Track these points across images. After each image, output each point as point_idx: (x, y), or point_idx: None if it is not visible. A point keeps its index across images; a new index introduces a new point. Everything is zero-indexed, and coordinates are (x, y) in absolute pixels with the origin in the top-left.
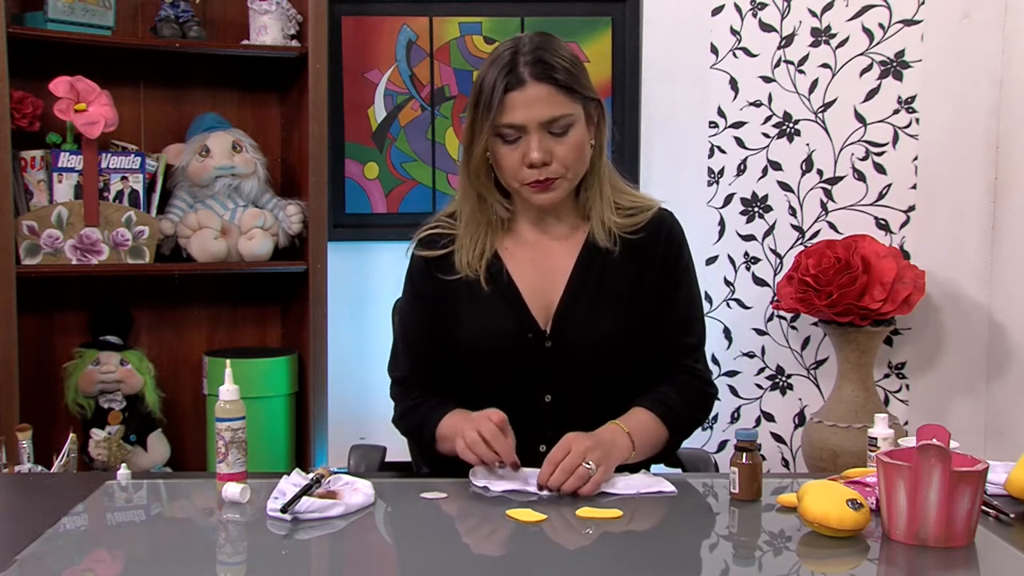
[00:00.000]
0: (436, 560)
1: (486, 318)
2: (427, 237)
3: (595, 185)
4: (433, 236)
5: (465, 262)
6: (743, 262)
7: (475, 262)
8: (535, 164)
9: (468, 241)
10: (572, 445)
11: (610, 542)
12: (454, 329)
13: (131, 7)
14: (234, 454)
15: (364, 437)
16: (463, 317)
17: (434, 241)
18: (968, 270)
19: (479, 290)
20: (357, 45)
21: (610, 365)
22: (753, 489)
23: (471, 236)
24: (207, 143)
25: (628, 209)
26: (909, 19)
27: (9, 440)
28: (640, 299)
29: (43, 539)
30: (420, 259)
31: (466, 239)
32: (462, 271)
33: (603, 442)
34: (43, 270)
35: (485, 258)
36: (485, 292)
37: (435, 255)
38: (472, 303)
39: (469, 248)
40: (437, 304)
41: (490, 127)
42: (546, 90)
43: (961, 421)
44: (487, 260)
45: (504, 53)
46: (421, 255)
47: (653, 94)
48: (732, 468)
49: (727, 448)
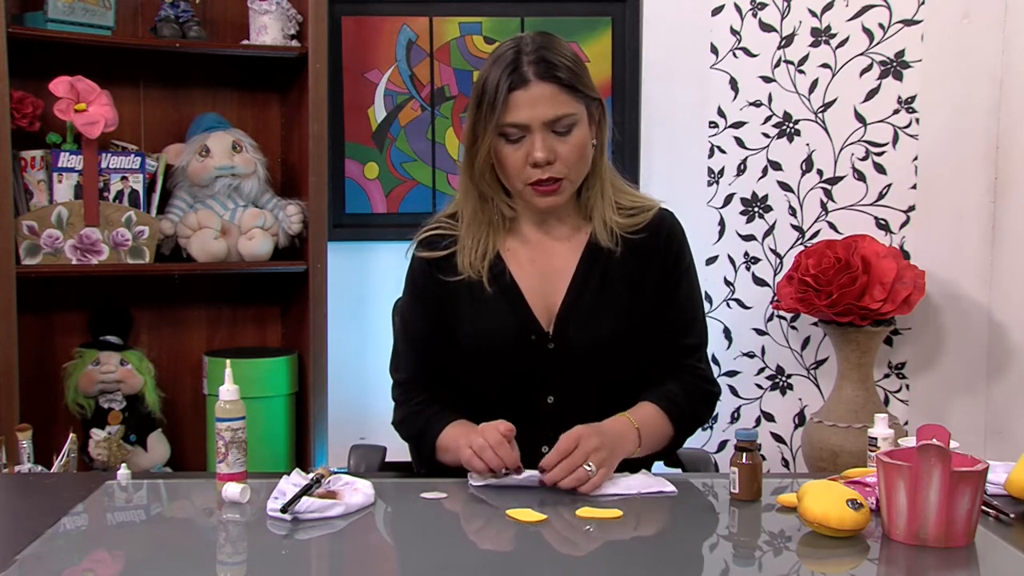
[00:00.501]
0: (436, 560)
1: (488, 319)
2: (428, 238)
3: (597, 185)
4: (434, 237)
5: (467, 263)
6: (743, 262)
7: (477, 263)
8: (539, 163)
9: (470, 242)
10: (580, 441)
11: (610, 542)
12: (456, 330)
13: (131, 7)
14: (234, 454)
15: (364, 437)
16: (465, 318)
17: (435, 242)
18: (968, 270)
19: (481, 291)
20: (357, 45)
21: (612, 366)
22: (753, 489)
23: (473, 237)
24: (207, 143)
25: (629, 209)
26: (909, 19)
27: (9, 440)
28: (642, 299)
29: (43, 539)
30: (421, 260)
31: (468, 240)
32: (464, 272)
33: (609, 440)
34: (43, 270)
35: (487, 259)
36: (487, 293)
37: (436, 256)
38: (474, 304)
39: (471, 249)
40: (439, 305)
41: (494, 127)
42: (550, 89)
43: (961, 421)
44: (489, 261)
45: (507, 52)
46: (422, 256)
47: (653, 94)
48: (732, 468)
49: (727, 448)
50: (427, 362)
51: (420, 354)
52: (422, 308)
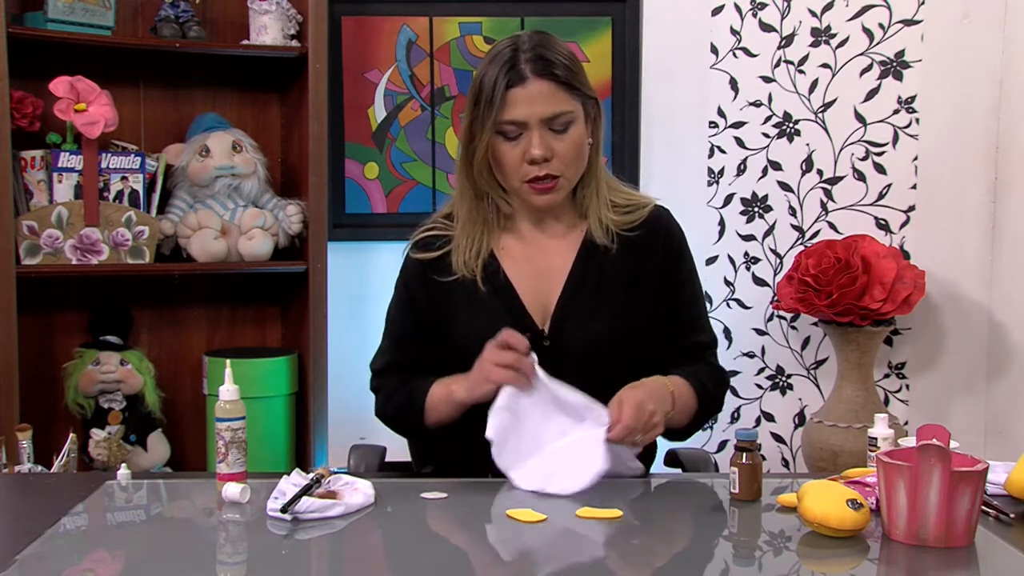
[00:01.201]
0: (436, 560)
1: (483, 319)
2: (423, 239)
3: (592, 183)
4: (428, 238)
5: (462, 262)
6: (743, 262)
7: (471, 262)
8: (536, 160)
9: (464, 241)
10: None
11: (610, 542)
12: (451, 330)
13: (131, 7)
14: (234, 454)
15: (364, 437)
16: (460, 318)
17: (430, 243)
18: (968, 270)
19: (476, 291)
20: (357, 45)
21: (608, 364)
22: (753, 489)
23: (467, 236)
24: (207, 143)
25: (624, 207)
26: (909, 19)
27: (9, 440)
28: (638, 298)
29: (43, 539)
30: (416, 262)
31: (463, 239)
32: (458, 271)
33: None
34: (43, 270)
35: (481, 258)
36: (482, 292)
37: (431, 257)
38: (469, 304)
39: (466, 248)
40: (430, 307)
41: (491, 124)
42: (547, 86)
43: (961, 421)
44: (483, 260)
45: (504, 50)
46: (417, 258)
47: (653, 94)
48: (732, 468)
49: (727, 448)
50: (405, 359)
51: (400, 352)
52: (410, 308)
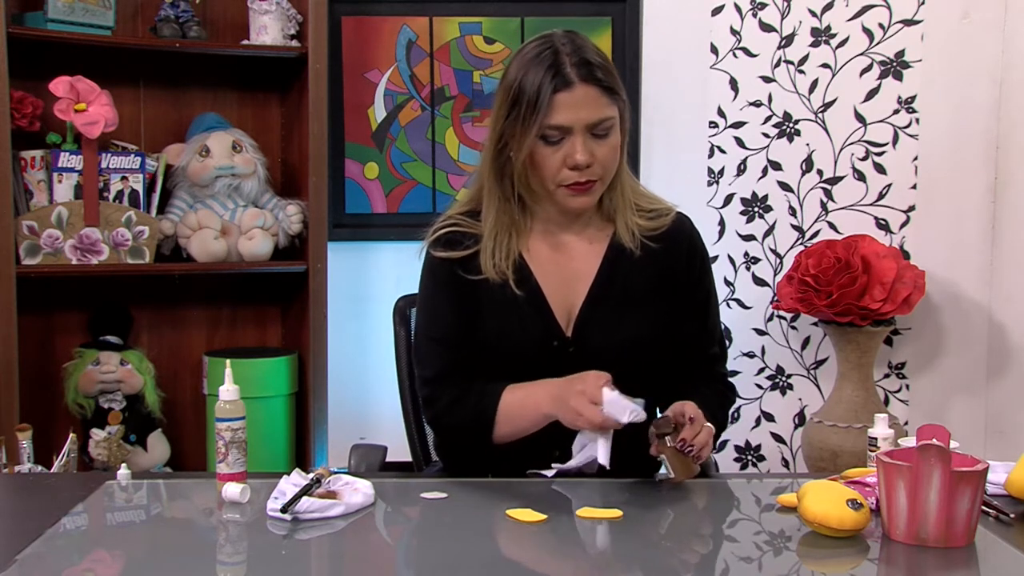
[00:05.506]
0: (436, 560)
1: (511, 322)
2: (445, 236)
3: (618, 186)
4: (453, 235)
5: (491, 265)
6: (743, 262)
7: (502, 264)
8: (580, 166)
9: (493, 244)
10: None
11: (610, 542)
12: (477, 329)
13: (131, 7)
14: (234, 454)
15: (364, 437)
16: (487, 319)
17: (455, 241)
18: (968, 270)
19: (503, 293)
20: (357, 45)
21: (632, 370)
22: (688, 467)
23: (496, 239)
24: (207, 143)
25: (648, 211)
26: (909, 19)
27: (9, 440)
28: (662, 304)
29: (43, 539)
30: (444, 259)
31: (490, 242)
32: (487, 274)
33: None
34: (43, 270)
35: (511, 260)
36: (510, 295)
37: (459, 256)
38: (496, 306)
39: (496, 251)
40: (466, 303)
41: (536, 128)
42: (593, 92)
43: (961, 421)
44: (514, 263)
45: (545, 53)
46: (444, 256)
47: (653, 94)
48: (660, 456)
49: (727, 448)
50: (456, 356)
51: (448, 349)
52: (448, 300)
